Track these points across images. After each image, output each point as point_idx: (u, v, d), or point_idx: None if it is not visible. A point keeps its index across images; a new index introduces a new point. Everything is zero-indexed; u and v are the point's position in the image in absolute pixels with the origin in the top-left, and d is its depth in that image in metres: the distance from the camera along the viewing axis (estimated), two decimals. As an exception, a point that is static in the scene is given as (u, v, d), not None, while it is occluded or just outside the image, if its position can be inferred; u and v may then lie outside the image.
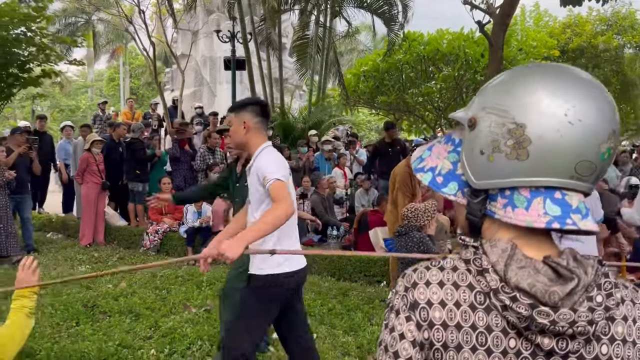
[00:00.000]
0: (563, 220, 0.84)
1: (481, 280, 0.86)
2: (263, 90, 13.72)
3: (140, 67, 36.13)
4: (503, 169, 0.87)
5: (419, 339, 0.89)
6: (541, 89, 0.85)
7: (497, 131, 0.86)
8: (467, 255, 0.90)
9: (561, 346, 0.83)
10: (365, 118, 27.41)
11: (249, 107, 2.79)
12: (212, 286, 5.80)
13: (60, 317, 4.73)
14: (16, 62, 7.65)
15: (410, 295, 0.91)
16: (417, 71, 14.46)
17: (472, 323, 0.86)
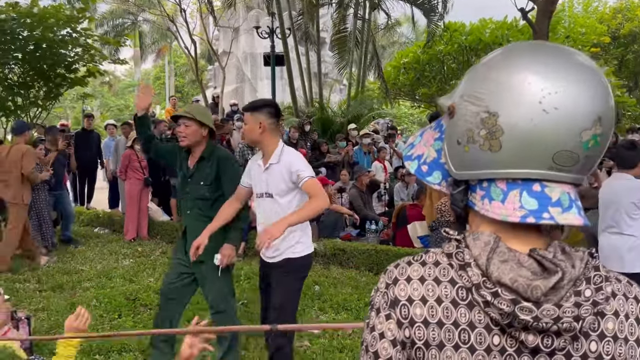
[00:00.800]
0: (539, 214, 0.78)
1: (463, 275, 0.82)
2: (302, 85, 13.75)
3: (185, 66, 36.92)
4: (478, 160, 0.83)
5: (400, 338, 0.85)
6: (518, 73, 0.79)
7: (471, 120, 0.82)
8: (449, 249, 0.86)
9: (546, 343, 0.78)
10: (407, 111, 27.07)
11: (265, 109, 3.01)
12: (249, 280, 5.85)
13: (104, 309, 4.88)
14: (63, 62, 7.94)
15: (390, 292, 0.87)
16: (459, 62, 14.17)
17: (454, 320, 0.82)
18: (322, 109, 12.89)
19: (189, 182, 3.39)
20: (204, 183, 3.33)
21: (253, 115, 2.99)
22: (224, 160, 3.40)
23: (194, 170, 3.36)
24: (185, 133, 3.28)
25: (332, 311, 4.91)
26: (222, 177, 3.34)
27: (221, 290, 3.46)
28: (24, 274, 6.06)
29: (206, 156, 3.36)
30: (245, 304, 5.04)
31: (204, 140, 3.38)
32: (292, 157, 3.00)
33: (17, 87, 7.83)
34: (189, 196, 3.39)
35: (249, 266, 6.50)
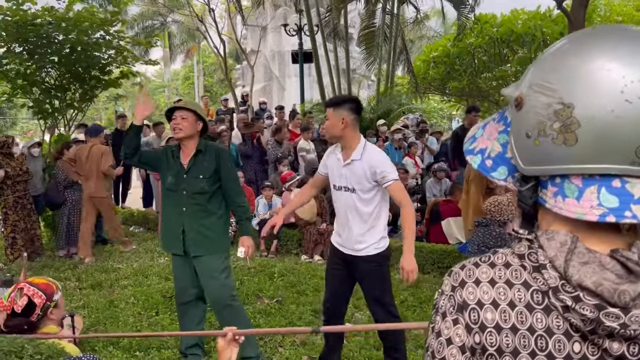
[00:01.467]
0: (620, 213, 0.72)
1: (538, 278, 0.77)
2: (331, 81, 13.71)
3: (213, 65, 37.32)
4: (550, 155, 0.77)
5: (469, 344, 0.81)
6: (595, 60, 0.73)
7: (542, 112, 0.76)
8: (520, 250, 0.81)
9: (633, 351, 0.72)
10: (437, 105, 26.76)
11: (347, 105, 3.03)
12: (283, 277, 5.87)
13: (142, 306, 4.95)
14: (97, 65, 8.09)
15: (457, 296, 0.84)
16: (490, 54, 13.91)
17: (530, 325, 0.77)
18: (352, 105, 12.83)
19: (185, 178, 3.36)
20: (203, 176, 3.34)
21: (336, 110, 3.02)
22: (222, 152, 3.48)
23: (190, 165, 3.35)
24: (182, 125, 3.29)
25: (367, 308, 4.87)
26: (220, 169, 3.38)
27: (226, 284, 3.48)
28: (64, 272, 6.21)
29: (202, 149, 3.40)
30: (280, 302, 5.05)
31: (197, 134, 3.41)
32: (376, 156, 3.04)
33: (54, 90, 8.01)
34: (186, 192, 3.36)
35: (282, 263, 6.53)
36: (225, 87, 34.48)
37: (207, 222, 3.36)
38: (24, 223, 6.87)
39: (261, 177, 8.97)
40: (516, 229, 0.84)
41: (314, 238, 6.95)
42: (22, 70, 7.82)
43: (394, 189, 2.99)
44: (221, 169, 3.38)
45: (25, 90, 8.02)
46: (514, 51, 13.81)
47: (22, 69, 7.82)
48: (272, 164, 8.90)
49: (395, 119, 12.20)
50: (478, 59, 14.04)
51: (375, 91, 14.79)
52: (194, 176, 3.34)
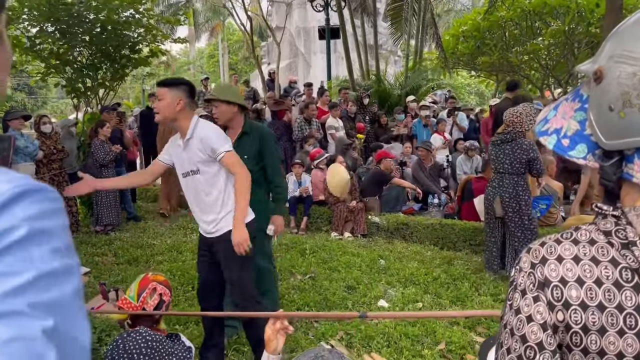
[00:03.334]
0: None
1: (627, 255, 0.75)
2: (358, 57, 13.56)
3: (238, 43, 37.21)
4: (637, 125, 0.74)
5: (551, 321, 0.80)
6: None
7: (627, 82, 0.74)
8: (606, 226, 0.79)
9: None
10: (465, 81, 26.27)
11: (183, 86, 3.01)
12: (314, 254, 5.91)
13: (178, 281, 5.06)
14: (127, 43, 8.14)
15: (538, 273, 0.82)
16: (522, 28, 13.47)
17: (618, 303, 0.75)
18: (380, 81, 12.68)
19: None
20: (248, 157, 3.45)
21: (172, 91, 2.97)
22: (266, 134, 3.64)
23: (235, 146, 3.36)
24: (217, 114, 3.49)
25: (400, 285, 4.89)
26: (264, 151, 3.56)
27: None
28: (101, 248, 6.37)
29: (248, 131, 3.56)
30: (313, 278, 5.10)
31: (236, 117, 3.55)
32: (205, 130, 2.98)
33: (86, 69, 8.11)
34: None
35: (313, 240, 6.57)
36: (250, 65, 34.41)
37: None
38: (60, 200, 7.04)
39: (290, 155, 8.99)
40: (599, 205, 0.82)
41: (344, 215, 6.96)
42: (54, 50, 7.92)
43: (226, 161, 2.93)
44: (264, 150, 3.54)
45: (58, 69, 8.14)
46: (547, 24, 13.35)
47: (54, 48, 7.92)
48: (299, 141, 8.90)
49: (423, 95, 12.03)
50: (509, 33, 13.63)
51: (402, 67, 14.58)
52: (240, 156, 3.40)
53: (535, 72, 15.03)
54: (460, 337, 3.68)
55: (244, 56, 35.71)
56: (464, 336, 3.71)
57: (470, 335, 3.76)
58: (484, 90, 26.83)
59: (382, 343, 3.64)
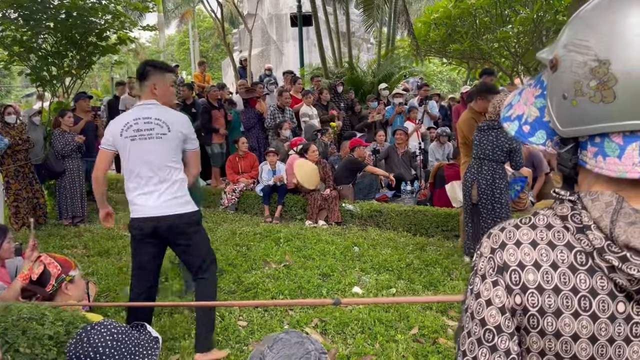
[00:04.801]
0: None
1: (582, 239, 0.77)
2: (330, 44, 13.50)
3: (209, 30, 36.70)
4: (588, 114, 0.76)
5: (509, 305, 0.82)
6: (631, 15, 0.72)
7: (578, 71, 0.76)
8: (563, 211, 0.80)
9: None
10: (436, 68, 26.48)
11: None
12: (289, 242, 5.91)
13: (150, 272, 4.99)
14: (94, 30, 7.93)
15: (497, 257, 0.83)
16: (492, 15, 13.61)
17: (573, 286, 0.77)
18: (353, 69, 12.67)
19: None
20: None
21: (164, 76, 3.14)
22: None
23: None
24: None
25: (373, 272, 4.93)
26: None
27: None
28: (70, 240, 6.25)
29: None
30: (287, 266, 5.10)
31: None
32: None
33: (51, 57, 7.87)
34: None
35: (287, 229, 6.57)
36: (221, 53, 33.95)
37: None
38: (26, 192, 6.87)
39: (263, 143, 8.93)
40: (557, 190, 0.83)
41: (318, 203, 6.97)
42: (18, 37, 7.67)
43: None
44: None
45: (22, 57, 7.89)
46: (515, 12, 13.53)
47: (18, 35, 7.67)
48: (273, 130, 8.85)
49: (396, 82, 12.08)
50: (480, 20, 13.76)
51: (375, 54, 14.58)
52: None
53: (505, 60, 15.22)
54: (433, 321, 3.74)
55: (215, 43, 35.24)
56: (436, 320, 3.77)
57: (442, 320, 3.82)
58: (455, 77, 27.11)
59: (356, 329, 3.67)
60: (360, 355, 3.28)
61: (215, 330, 3.68)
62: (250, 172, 8.10)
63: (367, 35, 18.14)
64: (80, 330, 1.65)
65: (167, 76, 3.16)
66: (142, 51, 34.18)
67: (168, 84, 3.16)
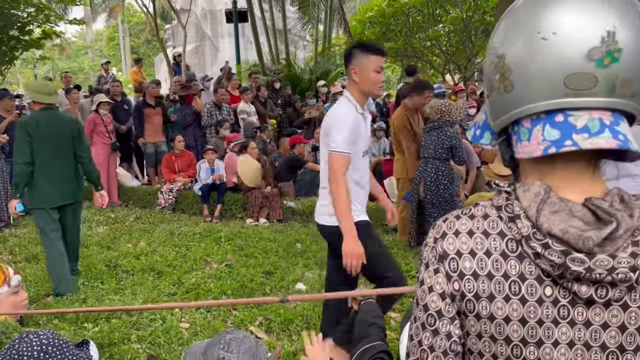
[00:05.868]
0: (560, 143, 0.77)
1: (513, 227, 0.82)
2: (267, 41, 13.41)
3: (140, 25, 35.46)
4: (501, 106, 0.85)
5: (449, 291, 0.86)
6: (521, 11, 0.81)
7: (489, 70, 0.85)
8: (499, 202, 0.85)
9: (600, 294, 0.77)
10: (371, 66, 26.87)
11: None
12: (230, 242, 5.83)
13: (84, 277, 4.79)
14: (16, 24, 7.47)
15: (439, 247, 0.88)
16: (424, 14, 14.01)
17: (504, 272, 0.82)
18: (290, 66, 12.64)
19: None
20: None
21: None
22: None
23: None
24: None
25: (316, 267, 4.96)
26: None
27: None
28: (-6, 247, 5.87)
29: None
30: (229, 265, 5.03)
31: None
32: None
33: (-32, 52, 7.38)
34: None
35: (228, 228, 6.48)
36: (154, 49, 32.91)
37: None
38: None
39: (200, 141, 8.74)
40: (496, 182, 0.89)
41: (259, 201, 6.92)
42: None
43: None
44: None
45: None
46: (446, 11, 13.99)
47: None
48: (210, 127, 8.68)
49: (333, 79, 12.16)
50: (412, 19, 14.11)
51: (311, 52, 14.64)
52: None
53: (437, 58, 15.71)
54: (376, 313, 3.81)
55: (147, 39, 34.10)
56: (379, 313, 3.84)
57: (385, 312, 3.90)
58: (390, 75, 27.68)
59: (300, 325, 3.68)
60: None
61: (157, 333, 3.59)
62: (187, 171, 7.92)
63: (304, 33, 18.16)
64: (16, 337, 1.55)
65: (371, 59, 2.73)
66: (68, 47, 32.64)
67: (371, 68, 2.74)
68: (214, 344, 1.31)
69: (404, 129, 5.39)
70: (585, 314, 0.80)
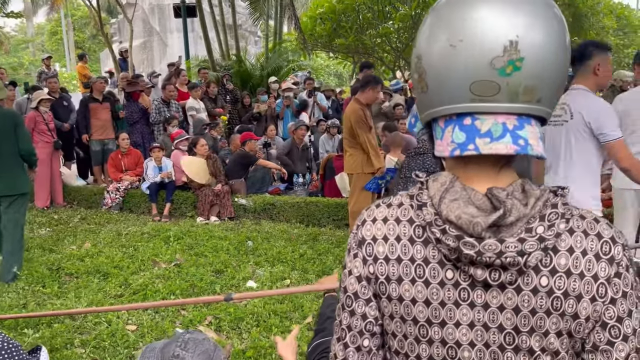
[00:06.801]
0: (464, 147, 0.81)
1: (420, 215, 0.86)
2: (217, 37, 13.21)
3: (84, 19, 34.22)
4: (420, 104, 0.90)
5: (365, 274, 0.91)
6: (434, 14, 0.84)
7: (412, 69, 0.90)
8: (413, 191, 0.90)
9: (494, 277, 0.81)
10: (324, 62, 26.99)
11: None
12: (179, 241, 5.72)
13: (25, 281, 4.59)
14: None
15: (359, 233, 0.93)
16: (374, 11, 14.17)
17: (411, 256, 0.87)
18: (241, 62, 12.50)
19: None
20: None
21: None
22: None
23: None
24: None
25: (268, 265, 4.93)
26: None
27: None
28: None
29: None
30: (178, 265, 4.94)
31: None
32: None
33: None
34: None
35: (177, 227, 6.36)
36: (99, 44, 31.85)
37: None
38: None
39: (148, 139, 8.52)
40: (417, 173, 0.92)
41: (209, 199, 6.81)
42: None
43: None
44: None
45: None
46: (395, 9, 14.19)
47: None
48: (159, 124, 8.48)
49: (285, 76, 12.13)
50: (363, 16, 14.24)
51: (261, 48, 14.54)
52: None
53: (388, 54, 15.93)
54: (327, 309, 3.82)
55: (92, 34, 32.98)
56: (330, 308, 3.86)
57: (336, 306, 3.92)
58: (342, 71, 27.84)
59: (251, 323, 3.65)
60: (256, 350, 3.26)
61: (102, 337, 3.48)
62: (134, 170, 7.70)
63: (254, 28, 18.01)
64: None
65: (608, 56, 3.05)
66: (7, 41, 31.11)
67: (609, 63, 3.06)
68: (173, 341, 1.32)
69: (361, 122, 5.39)
70: (483, 297, 0.84)
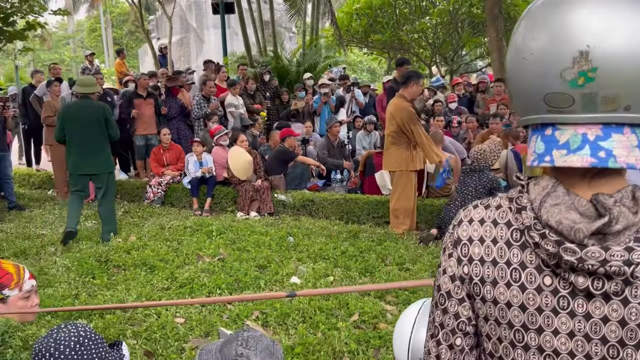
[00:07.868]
0: (541, 158, 0.81)
1: (519, 218, 0.85)
2: (254, 33, 13.30)
3: (122, 16, 34.96)
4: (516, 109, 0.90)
5: (459, 274, 0.93)
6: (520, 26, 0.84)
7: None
8: (512, 194, 0.89)
9: (597, 286, 0.78)
10: (357, 58, 26.89)
11: None
12: (222, 235, 5.80)
13: (76, 272, 4.73)
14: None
15: (455, 233, 0.95)
16: (411, 7, 14.05)
17: (507, 259, 0.87)
18: (278, 58, 12.55)
19: None
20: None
21: None
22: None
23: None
24: None
25: (310, 261, 4.96)
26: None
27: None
28: (-19, 242, 5.76)
29: None
30: (222, 259, 5.01)
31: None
32: None
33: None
34: None
35: (218, 221, 6.45)
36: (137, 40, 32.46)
37: None
38: None
39: (184, 135, 8.63)
40: (517, 174, 0.91)
41: (249, 194, 6.88)
42: None
43: None
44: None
45: None
46: (433, 4, 14.03)
47: None
48: (198, 120, 8.60)
49: (321, 72, 12.13)
50: (400, 11, 14.15)
51: (296, 44, 14.56)
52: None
53: (424, 50, 15.76)
54: (372, 307, 3.82)
55: (130, 30, 33.62)
56: (375, 306, 3.85)
57: (381, 305, 3.91)
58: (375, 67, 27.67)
59: (297, 319, 3.68)
60: (305, 346, 3.28)
61: (152, 329, 3.56)
62: (176, 164, 7.84)
63: (290, 24, 18.06)
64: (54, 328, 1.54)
65: None
66: (49, 38, 32.05)
67: None
68: (231, 341, 1.31)
69: (413, 117, 5.40)
70: (585, 307, 0.81)
